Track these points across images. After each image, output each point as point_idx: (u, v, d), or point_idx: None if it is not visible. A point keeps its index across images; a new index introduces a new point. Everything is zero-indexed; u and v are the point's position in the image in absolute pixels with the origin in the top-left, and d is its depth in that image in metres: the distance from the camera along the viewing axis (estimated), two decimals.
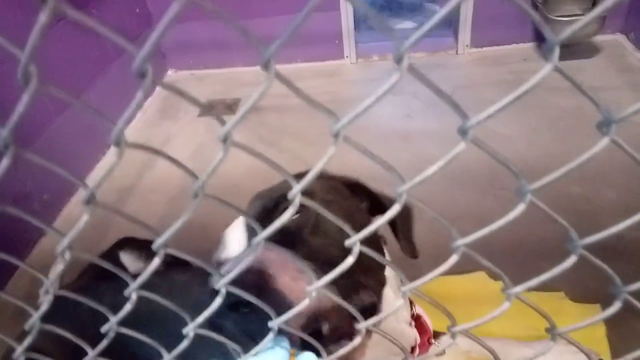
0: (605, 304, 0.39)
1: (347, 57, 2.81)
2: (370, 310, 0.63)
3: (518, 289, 0.35)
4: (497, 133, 1.97)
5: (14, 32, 1.74)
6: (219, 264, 0.68)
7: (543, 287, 1.33)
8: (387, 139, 2.10)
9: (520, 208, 0.30)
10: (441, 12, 0.21)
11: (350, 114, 0.27)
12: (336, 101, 2.46)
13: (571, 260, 0.33)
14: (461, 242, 0.33)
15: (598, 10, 0.22)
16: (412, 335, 0.82)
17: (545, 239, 1.46)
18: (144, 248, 1.42)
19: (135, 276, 0.46)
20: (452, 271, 0.37)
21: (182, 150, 2.24)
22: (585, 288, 1.28)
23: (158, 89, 2.78)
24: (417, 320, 0.85)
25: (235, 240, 0.69)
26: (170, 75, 2.95)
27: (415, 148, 2.03)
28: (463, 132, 0.26)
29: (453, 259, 0.33)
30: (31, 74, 0.26)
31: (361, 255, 0.38)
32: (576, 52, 2.45)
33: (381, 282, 0.68)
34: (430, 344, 0.86)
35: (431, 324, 0.90)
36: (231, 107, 2.55)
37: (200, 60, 2.90)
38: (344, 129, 0.28)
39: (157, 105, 2.61)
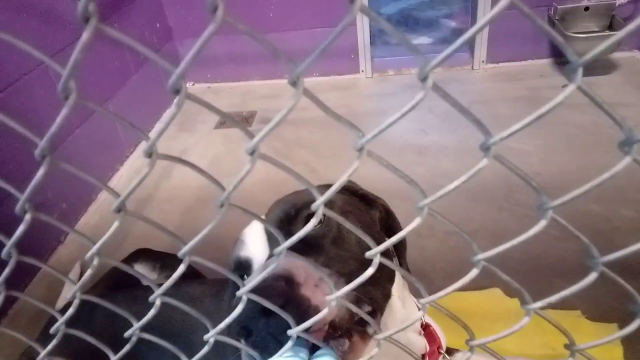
0: (623, 323, 0.39)
1: (362, 71, 2.83)
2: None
3: (538, 304, 0.36)
4: (512, 148, 1.97)
5: (39, 43, 1.79)
6: (239, 262, 0.70)
7: (560, 306, 1.32)
8: (402, 153, 2.10)
9: (542, 224, 0.30)
10: (469, 32, 0.22)
11: (375, 130, 0.28)
12: (352, 114, 2.48)
13: (592, 277, 0.34)
14: (482, 256, 0.33)
15: (622, 33, 0.23)
16: (421, 344, 0.82)
17: (563, 257, 1.44)
18: (158, 260, 1.44)
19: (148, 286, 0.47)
20: (467, 287, 0.37)
21: (199, 162, 2.25)
22: (601, 307, 1.27)
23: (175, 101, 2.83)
24: (426, 329, 0.86)
25: (254, 240, 0.71)
26: (188, 88, 2.99)
27: (430, 163, 2.03)
28: (486, 148, 0.27)
29: (473, 272, 0.34)
30: (71, 89, 0.27)
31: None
32: (593, 68, 2.44)
33: (387, 295, 0.69)
34: (439, 353, 0.86)
35: (444, 337, 0.89)
36: (247, 119, 2.58)
37: (217, 73, 2.94)
38: (368, 144, 0.29)
39: (175, 117, 2.65)
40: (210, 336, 0.46)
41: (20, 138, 0.33)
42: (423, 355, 0.82)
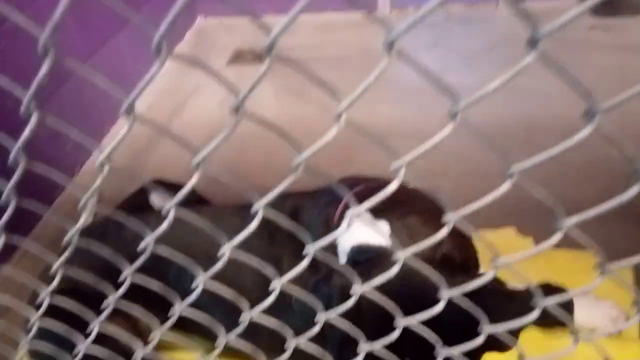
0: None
1: (381, 7, 2.72)
2: None
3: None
4: (535, 91, 1.88)
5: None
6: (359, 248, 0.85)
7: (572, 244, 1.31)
8: (419, 95, 2.04)
9: (505, 187, 0.31)
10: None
11: (351, 96, 0.28)
12: (366, 54, 2.40)
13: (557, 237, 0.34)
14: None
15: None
16: None
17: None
18: (171, 189, 1.48)
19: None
20: (481, 224, 0.37)
21: (210, 100, 2.26)
22: (616, 249, 1.25)
23: (188, 36, 2.77)
24: None
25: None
26: (199, 22, 2.91)
27: (449, 103, 1.99)
28: (452, 115, 0.27)
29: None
30: (49, 47, 0.28)
31: None
32: (620, 8, 2.29)
33: None
34: None
35: None
36: (260, 56, 2.54)
37: (229, 7, 2.84)
38: (347, 111, 0.29)
39: (187, 52, 2.62)
40: (227, 249, 0.47)
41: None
42: None
